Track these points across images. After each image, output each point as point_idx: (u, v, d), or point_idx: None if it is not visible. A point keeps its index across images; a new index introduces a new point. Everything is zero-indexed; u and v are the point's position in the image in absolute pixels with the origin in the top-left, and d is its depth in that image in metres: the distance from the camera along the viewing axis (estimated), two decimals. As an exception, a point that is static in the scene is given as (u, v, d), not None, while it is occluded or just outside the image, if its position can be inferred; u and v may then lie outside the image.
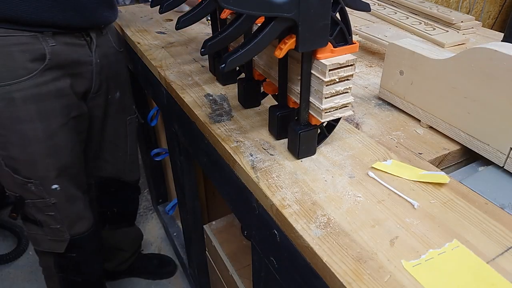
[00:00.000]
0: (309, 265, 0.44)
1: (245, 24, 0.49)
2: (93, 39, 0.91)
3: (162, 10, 0.69)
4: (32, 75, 0.80)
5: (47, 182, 0.90)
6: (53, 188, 0.91)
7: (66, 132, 0.90)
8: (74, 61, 0.87)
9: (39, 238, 0.98)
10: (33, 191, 0.90)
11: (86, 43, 0.90)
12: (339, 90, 0.51)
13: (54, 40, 0.82)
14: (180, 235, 1.53)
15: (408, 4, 1.15)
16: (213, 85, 0.77)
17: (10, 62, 0.78)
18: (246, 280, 0.92)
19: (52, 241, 0.98)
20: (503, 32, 1.01)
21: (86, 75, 0.92)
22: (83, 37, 0.89)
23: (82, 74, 0.91)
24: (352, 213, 0.47)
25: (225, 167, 0.62)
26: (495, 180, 0.55)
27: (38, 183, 0.89)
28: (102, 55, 0.95)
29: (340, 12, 0.48)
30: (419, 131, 0.64)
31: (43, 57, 0.81)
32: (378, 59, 0.91)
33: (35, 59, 0.80)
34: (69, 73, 0.87)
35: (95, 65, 0.93)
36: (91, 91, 0.96)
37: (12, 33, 0.77)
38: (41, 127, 0.85)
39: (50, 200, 0.92)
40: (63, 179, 0.92)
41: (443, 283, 0.38)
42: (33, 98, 0.82)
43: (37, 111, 0.83)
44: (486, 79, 0.54)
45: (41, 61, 0.81)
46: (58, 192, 0.92)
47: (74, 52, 0.87)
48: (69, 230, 0.98)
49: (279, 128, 0.59)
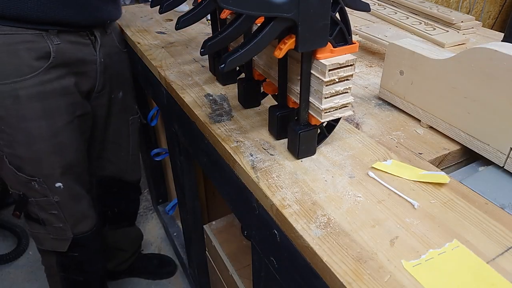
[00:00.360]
0: (309, 265, 0.44)
1: (244, 24, 0.49)
2: (97, 38, 0.91)
3: (162, 10, 0.69)
4: (37, 73, 0.81)
5: (51, 180, 0.90)
6: (56, 186, 0.91)
7: (70, 130, 0.90)
8: (78, 59, 0.88)
9: (42, 237, 0.98)
10: (37, 189, 0.90)
11: (91, 42, 0.90)
12: (338, 90, 0.51)
13: (59, 38, 0.83)
14: (180, 235, 1.53)
15: (408, 4, 1.15)
16: (213, 85, 0.77)
17: (15, 60, 0.79)
18: (246, 280, 0.92)
19: (55, 240, 0.98)
20: (503, 32, 1.01)
21: (90, 74, 0.93)
22: (88, 36, 0.89)
23: (86, 73, 0.91)
24: (352, 213, 0.47)
25: (225, 167, 0.62)
26: (495, 180, 0.55)
27: (42, 181, 0.89)
28: (106, 55, 0.95)
29: (339, 12, 0.48)
30: (419, 131, 0.64)
31: (48, 55, 0.81)
32: (378, 59, 0.91)
33: (40, 57, 0.81)
34: (74, 71, 0.88)
35: (99, 64, 0.93)
36: (95, 90, 0.97)
37: (18, 31, 0.77)
38: (46, 125, 0.85)
39: (54, 199, 0.92)
40: (67, 177, 0.93)
41: (443, 283, 0.38)
42: (38, 96, 0.82)
43: (42, 109, 0.84)
44: (486, 79, 0.54)
45: (46, 59, 0.81)
46: (62, 191, 0.92)
47: (78, 50, 0.87)
48: (72, 229, 0.98)
49: (279, 128, 0.59)
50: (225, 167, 0.62)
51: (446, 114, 0.61)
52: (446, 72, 0.59)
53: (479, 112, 0.56)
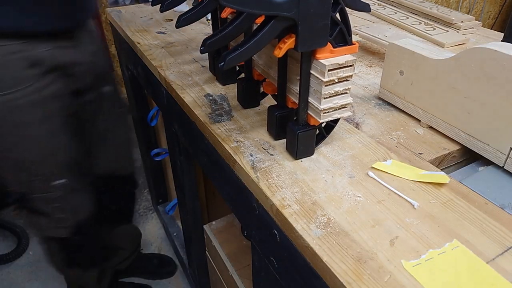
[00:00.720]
0: (309, 265, 0.44)
1: (245, 23, 0.49)
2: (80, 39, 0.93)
3: (163, 8, 0.69)
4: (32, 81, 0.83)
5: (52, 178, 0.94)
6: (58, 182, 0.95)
7: (65, 130, 0.93)
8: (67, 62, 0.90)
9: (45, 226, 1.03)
10: (39, 186, 0.94)
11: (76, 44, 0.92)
12: (338, 91, 0.51)
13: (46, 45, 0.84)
14: (180, 235, 1.53)
15: (408, 4, 1.15)
16: (213, 85, 0.77)
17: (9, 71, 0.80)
18: (246, 280, 0.92)
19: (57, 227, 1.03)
20: (503, 32, 1.01)
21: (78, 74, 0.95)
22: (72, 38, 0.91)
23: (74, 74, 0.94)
24: (352, 213, 0.47)
25: (225, 167, 0.62)
26: (495, 180, 0.55)
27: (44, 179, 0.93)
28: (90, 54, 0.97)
29: (340, 12, 0.48)
30: (419, 131, 0.64)
31: (40, 62, 0.83)
32: (378, 59, 0.91)
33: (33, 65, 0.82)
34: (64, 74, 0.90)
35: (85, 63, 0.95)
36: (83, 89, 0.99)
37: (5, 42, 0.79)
38: (45, 128, 0.88)
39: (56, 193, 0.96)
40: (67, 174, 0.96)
41: (443, 283, 0.38)
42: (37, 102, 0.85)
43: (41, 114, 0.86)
44: (486, 79, 0.54)
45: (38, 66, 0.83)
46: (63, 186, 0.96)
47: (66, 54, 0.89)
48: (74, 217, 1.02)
49: (278, 128, 0.59)
50: (225, 167, 0.62)
51: (446, 114, 0.61)
52: (446, 72, 0.59)
53: (479, 112, 0.56)
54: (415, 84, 0.64)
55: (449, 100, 0.60)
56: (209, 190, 1.27)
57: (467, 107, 0.57)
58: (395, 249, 0.42)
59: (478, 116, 0.56)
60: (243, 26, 0.50)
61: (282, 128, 0.58)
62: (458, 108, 0.59)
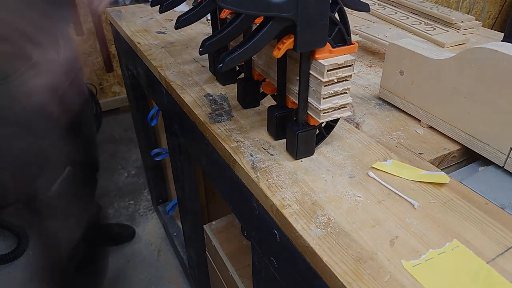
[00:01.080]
0: (309, 265, 0.44)
1: (244, 24, 0.49)
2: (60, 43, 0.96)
3: (162, 9, 0.69)
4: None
5: None
6: None
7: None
8: None
9: None
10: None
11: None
12: (337, 91, 0.51)
13: None
14: (180, 235, 1.53)
15: (408, 4, 1.15)
16: (213, 85, 0.77)
17: None
18: (246, 280, 0.92)
19: None
20: (503, 32, 1.01)
21: None
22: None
23: None
24: (352, 213, 0.47)
25: (225, 167, 0.62)
26: (495, 180, 0.55)
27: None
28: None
29: (339, 12, 0.48)
30: (419, 131, 0.64)
31: None
32: (378, 59, 0.91)
33: None
34: None
35: None
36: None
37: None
38: None
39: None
40: None
41: (443, 283, 0.38)
42: None
43: None
44: (486, 79, 0.54)
45: None
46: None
47: None
48: None
49: (278, 128, 0.59)
50: (225, 167, 0.62)
51: (446, 114, 0.61)
52: (446, 72, 0.59)
53: (479, 112, 0.56)
54: (415, 84, 0.64)
55: (449, 100, 0.60)
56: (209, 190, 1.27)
57: (467, 107, 0.57)
58: (395, 249, 0.42)
59: (478, 116, 0.56)
60: (242, 27, 0.50)
61: (282, 128, 0.58)
62: (458, 108, 0.59)
